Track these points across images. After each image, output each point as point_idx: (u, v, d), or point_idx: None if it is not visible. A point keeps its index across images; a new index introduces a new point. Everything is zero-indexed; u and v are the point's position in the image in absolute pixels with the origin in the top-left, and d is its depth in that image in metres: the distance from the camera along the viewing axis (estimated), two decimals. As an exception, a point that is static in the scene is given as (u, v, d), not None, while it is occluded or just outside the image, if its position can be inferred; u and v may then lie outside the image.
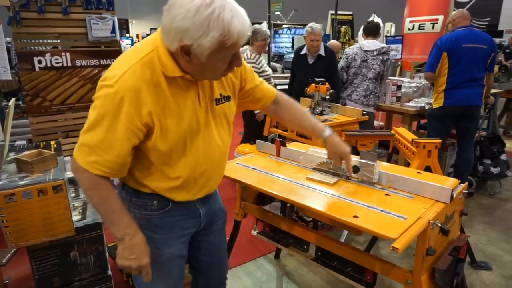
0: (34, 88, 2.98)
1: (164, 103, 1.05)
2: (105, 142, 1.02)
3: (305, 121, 1.46)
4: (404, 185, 1.40)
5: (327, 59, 3.68)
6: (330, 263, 1.51)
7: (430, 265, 1.26)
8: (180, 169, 1.15)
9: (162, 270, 1.27)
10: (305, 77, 3.44)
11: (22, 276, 2.25)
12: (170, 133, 1.08)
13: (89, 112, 1.04)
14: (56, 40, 3.07)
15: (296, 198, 1.35)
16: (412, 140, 2.29)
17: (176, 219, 1.23)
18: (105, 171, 1.05)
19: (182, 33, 0.95)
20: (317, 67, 3.64)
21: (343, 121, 2.90)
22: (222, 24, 0.94)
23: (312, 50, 3.66)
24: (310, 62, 3.71)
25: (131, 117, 1.00)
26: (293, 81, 3.93)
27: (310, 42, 3.61)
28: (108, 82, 1.00)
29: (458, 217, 1.43)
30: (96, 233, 1.79)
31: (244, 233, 2.09)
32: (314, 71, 3.54)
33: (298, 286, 2.31)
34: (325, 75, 3.40)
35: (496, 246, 2.74)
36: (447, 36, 3.15)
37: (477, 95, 3.15)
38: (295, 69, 3.93)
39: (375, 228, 1.11)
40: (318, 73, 3.42)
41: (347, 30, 8.76)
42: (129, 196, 1.21)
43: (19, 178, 1.58)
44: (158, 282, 1.26)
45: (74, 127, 3.22)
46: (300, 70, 3.78)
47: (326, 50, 3.71)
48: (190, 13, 0.93)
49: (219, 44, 0.96)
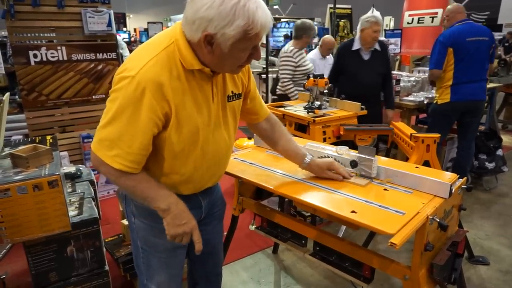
0: (29, 82, 2.95)
1: (182, 95, 1.06)
2: (127, 135, 1.02)
3: (291, 145, 1.46)
4: (402, 180, 1.39)
5: (382, 53, 3.28)
6: (328, 258, 1.50)
7: (428, 261, 1.25)
8: (190, 163, 1.16)
9: (164, 259, 1.30)
10: (363, 76, 3.20)
11: (19, 271, 2.24)
12: (185, 126, 1.09)
13: (108, 105, 1.04)
14: (52, 34, 3.04)
15: (293, 193, 1.34)
16: (411, 135, 2.28)
17: None
18: (127, 165, 1.05)
19: (206, 22, 0.96)
20: (374, 64, 3.23)
21: (342, 115, 2.88)
22: (247, 13, 0.96)
23: (369, 44, 3.19)
24: (366, 58, 3.24)
25: (154, 108, 1.01)
26: (340, 82, 3.36)
27: (373, 34, 3.10)
28: (128, 73, 1.00)
29: (457, 212, 1.43)
30: (93, 228, 1.78)
31: (242, 227, 2.08)
32: (372, 69, 3.22)
33: (296, 281, 2.31)
34: (384, 72, 3.22)
35: (494, 241, 2.74)
36: (449, 32, 3.11)
37: (482, 89, 3.17)
38: (346, 69, 3.32)
39: (373, 223, 1.10)
40: (377, 70, 3.21)
41: (345, 24, 8.71)
42: None
43: (14, 173, 1.56)
44: (159, 271, 1.30)
45: (71, 121, 3.21)
46: (355, 69, 3.26)
47: (380, 43, 3.29)
48: (216, 3, 0.94)
49: (243, 33, 0.97)
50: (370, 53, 3.23)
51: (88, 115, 3.28)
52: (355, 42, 3.25)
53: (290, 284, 2.28)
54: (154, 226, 1.22)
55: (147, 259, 1.31)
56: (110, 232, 2.34)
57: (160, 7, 16.77)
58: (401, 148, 2.58)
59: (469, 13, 13.93)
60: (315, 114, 2.68)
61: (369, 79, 3.21)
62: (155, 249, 1.27)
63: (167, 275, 1.33)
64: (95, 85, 3.19)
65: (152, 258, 1.29)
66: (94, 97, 3.21)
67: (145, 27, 10.66)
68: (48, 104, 3.07)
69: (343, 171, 1.42)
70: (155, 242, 1.26)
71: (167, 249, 1.28)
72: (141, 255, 1.31)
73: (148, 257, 1.30)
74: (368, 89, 3.20)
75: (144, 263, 1.32)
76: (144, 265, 1.32)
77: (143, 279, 1.35)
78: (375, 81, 3.24)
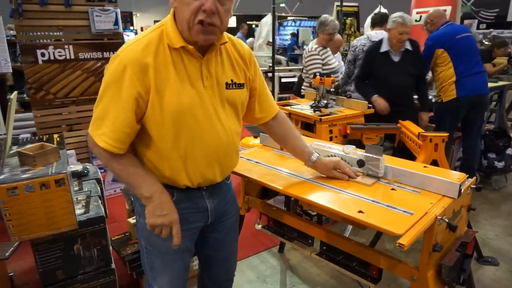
0: (37, 81, 2.98)
1: (166, 75, 1.09)
2: (111, 111, 1.07)
3: (298, 143, 1.44)
4: (410, 179, 1.37)
5: (414, 53, 3.05)
6: (335, 257, 1.49)
7: (436, 261, 1.23)
8: (181, 149, 1.14)
9: (166, 260, 1.28)
10: (394, 79, 3.02)
11: (27, 269, 2.26)
12: (169, 105, 1.09)
13: (100, 86, 1.11)
14: (59, 32, 3.05)
15: (299, 192, 1.33)
16: (419, 134, 2.25)
17: (180, 212, 1.19)
18: (111, 144, 1.08)
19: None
20: (405, 65, 3.03)
21: (348, 114, 2.86)
22: None
23: (394, 46, 3.01)
24: (396, 60, 3.04)
25: (134, 84, 1.05)
26: (370, 85, 3.17)
27: (398, 35, 2.92)
28: (114, 54, 1.09)
29: (466, 212, 1.40)
30: (100, 226, 1.79)
31: (248, 226, 2.07)
32: (403, 71, 3.02)
33: (302, 280, 2.30)
34: (417, 73, 3.04)
35: (503, 241, 2.70)
36: (437, 34, 3.26)
37: (485, 82, 3.20)
38: (375, 72, 3.14)
39: (381, 223, 1.09)
40: (408, 71, 3.02)
41: (352, 22, 8.64)
42: None
43: (22, 171, 1.57)
44: (162, 272, 1.29)
45: (78, 120, 3.23)
46: (385, 73, 3.08)
47: (412, 43, 3.05)
48: None
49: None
50: (401, 54, 3.03)
51: (95, 114, 3.29)
52: (383, 44, 3.07)
53: (296, 284, 2.27)
54: None
55: (150, 260, 1.30)
56: (117, 231, 2.34)
57: (167, 5, 16.67)
58: (408, 147, 2.56)
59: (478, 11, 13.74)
60: (322, 113, 2.67)
61: (400, 81, 3.03)
62: (157, 250, 1.26)
63: (170, 278, 1.30)
64: (102, 84, 3.21)
65: (155, 259, 1.28)
66: (101, 96, 3.23)
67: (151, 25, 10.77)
68: (55, 103, 3.09)
69: (349, 171, 1.41)
70: (157, 243, 1.24)
71: (170, 251, 1.23)
72: (145, 255, 1.31)
73: (151, 257, 1.29)
74: (399, 92, 3.02)
75: (147, 264, 1.31)
76: (147, 266, 1.31)
77: (148, 279, 1.34)
78: (406, 83, 3.05)
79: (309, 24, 10.67)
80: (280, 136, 1.46)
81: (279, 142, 1.51)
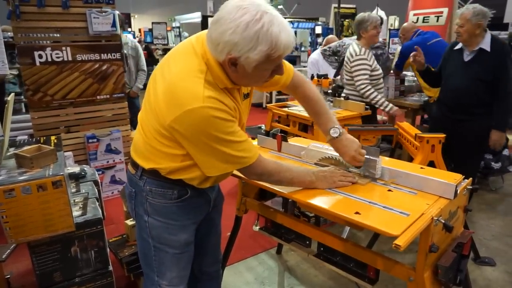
0: (35, 82, 2.97)
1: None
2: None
3: (321, 109, 1.50)
4: (407, 180, 1.37)
5: (494, 56, 2.47)
6: (332, 259, 1.50)
7: (433, 262, 1.24)
8: None
9: (177, 255, 1.35)
10: (455, 80, 2.63)
11: (24, 271, 2.25)
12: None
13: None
14: (57, 34, 3.05)
15: (296, 194, 1.33)
16: (416, 135, 2.26)
17: (192, 207, 1.33)
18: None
19: (231, 46, 1.01)
20: (476, 67, 2.53)
21: (346, 115, 2.87)
22: (270, 38, 1.00)
23: (463, 40, 2.57)
24: (466, 59, 2.59)
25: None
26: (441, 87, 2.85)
27: (455, 27, 2.60)
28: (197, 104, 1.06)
29: (462, 213, 1.41)
30: (97, 228, 1.78)
31: (246, 228, 2.08)
32: (469, 72, 2.54)
33: (300, 282, 2.31)
34: (488, 79, 2.47)
35: (500, 241, 2.72)
36: (408, 45, 3.74)
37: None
38: (443, 70, 2.79)
39: (377, 224, 1.09)
40: (477, 74, 2.50)
41: (350, 23, 8.68)
42: (149, 186, 1.27)
43: (19, 173, 1.57)
44: (172, 267, 1.36)
45: (76, 122, 3.22)
46: (450, 71, 2.70)
47: (494, 44, 2.50)
48: (240, 28, 0.98)
49: (266, 57, 1.02)
50: (474, 54, 2.55)
51: (93, 115, 3.28)
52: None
53: (294, 285, 2.28)
54: (169, 223, 1.29)
55: (159, 257, 1.34)
56: (114, 233, 2.34)
57: (165, 7, 16.81)
58: (406, 148, 2.56)
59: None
60: (319, 114, 2.67)
61: (461, 84, 2.58)
62: (169, 245, 1.32)
63: (179, 270, 1.38)
64: (99, 86, 3.20)
65: (165, 255, 1.34)
66: (99, 97, 3.22)
67: (149, 27, 10.72)
68: (53, 104, 3.08)
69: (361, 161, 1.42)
70: (169, 239, 1.31)
71: (181, 244, 1.34)
72: (153, 253, 1.34)
73: (160, 254, 1.34)
74: (456, 95, 2.63)
75: (156, 261, 1.35)
76: (156, 263, 1.35)
77: (154, 277, 1.37)
78: (469, 88, 2.55)
79: (307, 26, 10.68)
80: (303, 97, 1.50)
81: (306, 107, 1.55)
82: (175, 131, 1.10)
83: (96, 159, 3.25)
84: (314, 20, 11.98)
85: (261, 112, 6.97)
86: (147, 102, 1.22)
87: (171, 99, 1.08)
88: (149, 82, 1.24)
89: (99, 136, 3.24)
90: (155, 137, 1.18)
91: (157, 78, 1.18)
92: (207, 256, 1.59)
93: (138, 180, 1.28)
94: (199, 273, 1.60)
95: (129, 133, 3.49)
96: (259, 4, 1.01)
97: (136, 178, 1.29)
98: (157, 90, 1.15)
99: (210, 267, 1.62)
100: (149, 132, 1.20)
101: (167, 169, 1.21)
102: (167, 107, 1.09)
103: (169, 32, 9.71)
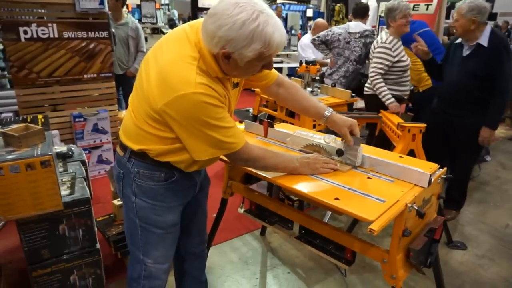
0: (20, 59, 2.92)
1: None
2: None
3: (309, 102, 1.56)
4: (385, 169, 1.44)
5: (490, 52, 2.44)
6: (313, 241, 1.57)
7: (406, 245, 1.32)
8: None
9: (162, 235, 1.40)
10: (450, 74, 2.65)
11: (11, 247, 2.28)
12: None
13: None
14: (42, 10, 2.98)
15: (280, 179, 1.39)
16: (398, 124, 2.33)
17: (179, 189, 1.37)
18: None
19: (226, 41, 1.05)
20: (472, 63, 2.51)
21: (332, 102, 2.93)
22: (264, 38, 1.05)
23: (461, 35, 2.56)
24: (464, 54, 2.57)
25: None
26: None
27: (451, 21, 2.50)
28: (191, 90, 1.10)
29: (436, 200, 1.50)
30: (85, 207, 1.81)
31: (231, 210, 2.14)
32: (464, 67, 2.54)
33: (282, 262, 2.40)
34: (483, 74, 2.45)
35: (473, 226, 2.86)
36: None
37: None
38: (444, 64, 2.79)
39: (355, 210, 1.16)
40: (471, 70, 2.49)
41: (341, 8, 8.63)
42: (137, 168, 1.30)
43: (7, 152, 1.58)
44: (157, 246, 1.40)
45: (62, 100, 3.19)
46: (447, 65, 2.72)
47: (492, 39, 2.45)
48: (236, 26, 1.03)
49: (258, 54, 1.08)
50: (471, 49, 2.53)
51: (80, 94, 3.26)
52: None
53: (277, 265, 2.37)
54: (156, 205, 1.33)
55: (145, 236, 1.38)
56: (101, 212, 2.38)
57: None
58: (389, 136, 2.64)
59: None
60: (306, 101, 2.70)
61: (457, 79, 2.60)
62: (155, 226, 1.37)
63: (164, 250, 1.44)
64: (86, 64, 3.16)
65: (151, 235, 1.38)
66: (86, 76, 3.19)
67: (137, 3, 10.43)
68: (38, 82, 3.04)
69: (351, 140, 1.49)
70: (156, 220, 1.36)
71: (167, 225, 1.39)
72: (139, 232, 1.38)
73: (147, 234, 1.38)
74: (451, 90, 2.66)
75: (142, 240, 1.39)
76: (142, 242, 1.40)
77: (139, 255, 1.41)
78: (463, 83, 2.56)
79: (298, 8, 10.58)
80: (290, 99, 1.57)
81: (291, 106, 1.64)
82: (166, 114, 1.13)
83: (83, 138, 3.24)
84: (306, 3, 11.86)
85: (250, 95, 6.93)
86: (139, 85, 1.24)
87: (164, 84, 1.11)
88: (141, 65, 1.26)
89: (86, 115, 3.22)
90: (145, 120, 1.20)
91: (150, 61, 1.20)
92: (193, 236, 1.64)
93: (126, 162, 1.31)
94: (185, 253, 1.65)
95: (116, 113, 3.47)
96: (255, 2, 1.05)
97: (124, 160, 1.32)
98: (149, 73, 1.17)
99: (196, 248, 1.68)
100: (140, 115, 1.22)
101: (156, 151, 1.25)
102: (159, 91, 1.12)
103: (157, 10, 9.47)
